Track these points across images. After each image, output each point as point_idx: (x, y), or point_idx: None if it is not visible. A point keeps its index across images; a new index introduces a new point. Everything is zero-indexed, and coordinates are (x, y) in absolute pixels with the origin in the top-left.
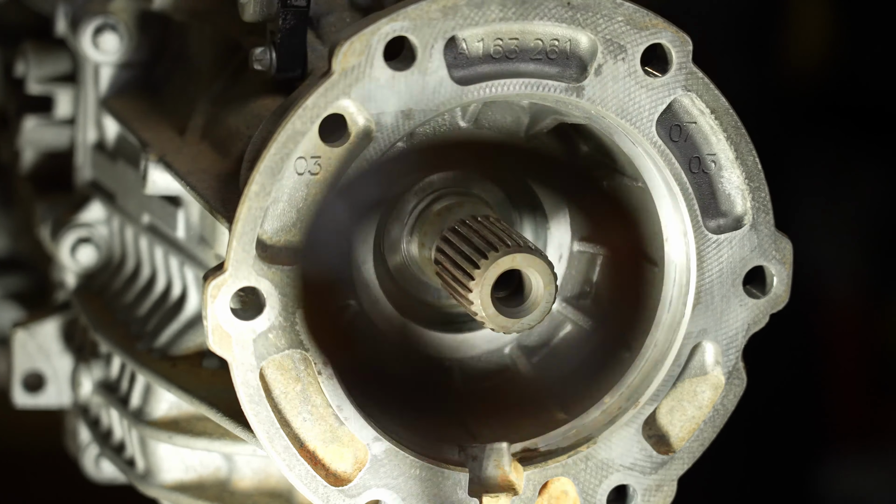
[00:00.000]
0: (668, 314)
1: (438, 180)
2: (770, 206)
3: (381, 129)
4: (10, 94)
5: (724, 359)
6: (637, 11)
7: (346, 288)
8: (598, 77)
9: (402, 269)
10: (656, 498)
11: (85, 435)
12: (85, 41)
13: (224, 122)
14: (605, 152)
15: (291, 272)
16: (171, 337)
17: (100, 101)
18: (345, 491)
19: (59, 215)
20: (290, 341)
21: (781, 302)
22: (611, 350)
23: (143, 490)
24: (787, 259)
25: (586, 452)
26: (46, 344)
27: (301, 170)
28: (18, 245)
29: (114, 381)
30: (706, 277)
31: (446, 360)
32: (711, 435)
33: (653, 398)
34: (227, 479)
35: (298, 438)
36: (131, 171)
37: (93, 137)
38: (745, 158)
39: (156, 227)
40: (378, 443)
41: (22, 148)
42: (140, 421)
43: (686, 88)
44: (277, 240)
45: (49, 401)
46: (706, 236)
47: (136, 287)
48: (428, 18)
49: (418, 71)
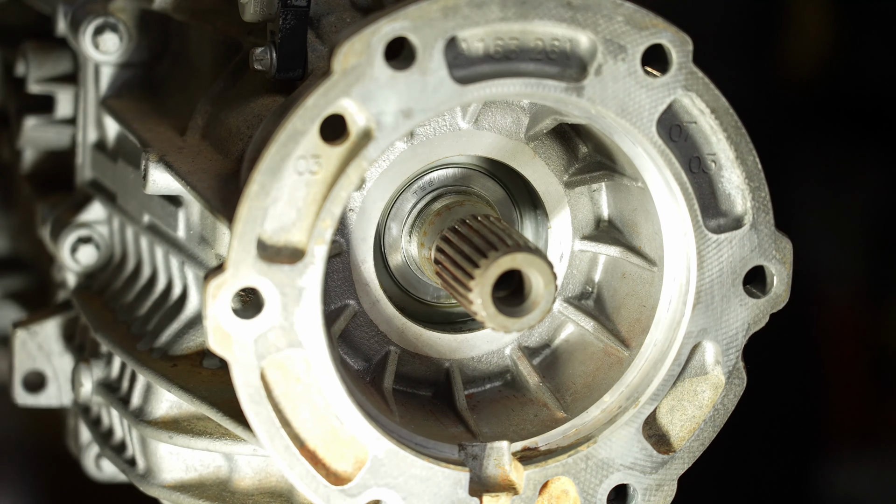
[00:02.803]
0: (668, 314)
1: (438, 179)
2: (770, 206)
3: (381, 129)
4: (11, 94)
5: (725, 358)
6: (637, 11)
7: (345, 288)
8: (598, 77)
9: (402, 269)
10: (656, 497)
11: (86, 434)
12: (85, 41)
13: (224, 122)
14: (605, 152)
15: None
16: (171, 336)
17: (100, 101)
18: (345, 490)
19: (60, 215)
20: (291, 341)
21: (781, 302)
22: (611, 350)
23: (144, 489)
24: (787, 259)
25: (586, 452)
26: (47, 343)
27: (301, 169)
28: (19, 245)
29: (114, 380)
30: (706, 277)
31: (446, 360)
32: (711, 434)
33: (653, 398)
34: (227, 478)
35: (299, 438)
36: (132, 171)
37: (93, 137)
38: (745, 158)
39: (156, 227)
40: (378, 442)
41: (22, 148)
42: (140, 420)
43: (686, 88)
44: (277, 239)
45: (49, 400)
46: (706, 236)
47: (136, 287)
48: (428, 18)
49: (418, 71)
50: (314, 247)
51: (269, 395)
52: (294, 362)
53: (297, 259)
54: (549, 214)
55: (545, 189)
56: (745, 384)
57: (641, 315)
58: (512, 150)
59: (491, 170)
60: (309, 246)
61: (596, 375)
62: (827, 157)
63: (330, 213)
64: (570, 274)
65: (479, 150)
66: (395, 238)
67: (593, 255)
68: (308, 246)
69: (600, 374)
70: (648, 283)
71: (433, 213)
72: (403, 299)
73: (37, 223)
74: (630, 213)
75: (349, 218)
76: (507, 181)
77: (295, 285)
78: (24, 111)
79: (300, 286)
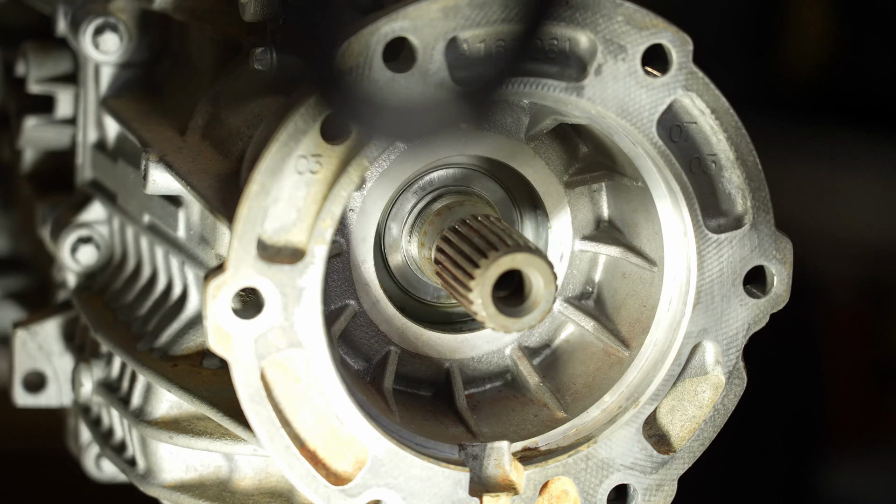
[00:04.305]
0: (668, 314)
1: (438, 179)
2: (770, 206)
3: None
4: (11, 94)
5: (725, 358)
6: (637, 11)
7: (346, 288)
8: (598, 77)
9: (402, 268)
10: (657, 497)
11: (86, 435)
12: (85, 41)
13: (224, 122)
14: (606, 152)
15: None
16: (171, 337)
17: (100, 101)
18: (345, 490)
19: (60, 215)
20: (291, 341)
21: (782, 302)
22: (611, 350)
23: (144, 489)
24: (787, 259)
25: (587, 452)
26: (47, 344)
27: (301, 168)
28: (19, 245)
29: (114, 380)
30: (706, 277)
31: (446, 360)
32: (712, 434)
33: (653, 398)
34: (227, 478)
35: (299, 438)
36: (132, 171)
37: (93, 137)
38: (746, 158)
39: (156, 227)
40: (378, 442)
41: (23, 148)
42: (141, 421)
43: (686, 88)
44: (278, 239)
45: (50, 400)
46: (706, 236)
47: (136, 287)
48: (428, 19)
49: (418, 73)
50: (314, 247)
51: (270, 395)
52: (294, 362)
53: (298, 259)
54: (549, 214)
55: (545, 189)
56: (745, 384)
57: (642, 315)
58: (512, 150)
59: (491, 170)
60: (309, 246)
61: (596, 375)
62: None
63: (330, 213)
64: (571, 274)
65: (480, 150)
66: (395, 238)
67: (593, 255)
68: (308, 246)
69: (600, 374)
70: (649, 283)
71: (433, 213)
72: (403, 299)
73: (37, 223)
74: (630, 214)
75: (349, 218)
76: (507, 181)
77: (295, 285)
78: (25, 111)
79: (300, 286)
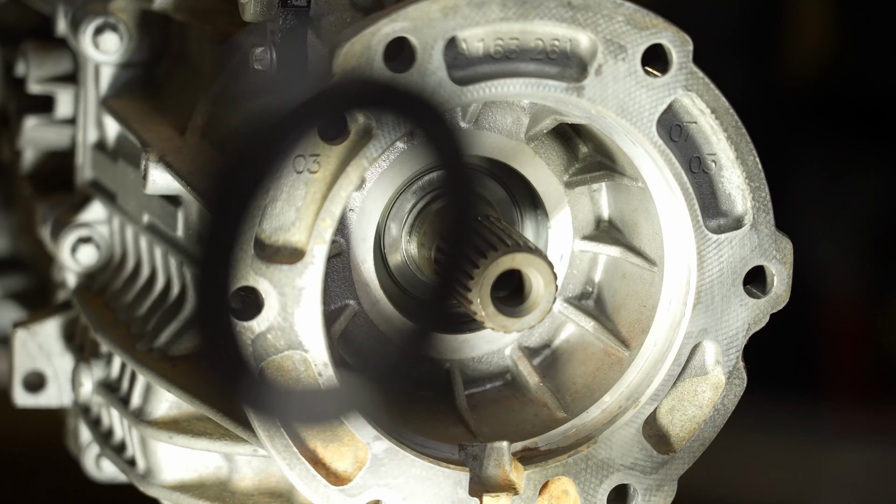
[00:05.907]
0: (668, 314)
1: (438, 179)
2: (770, 206)
3: (381, 127)
4: (11, 94)
5: (725, 358)
6: (637, 11)
7: (345, 288)
8: (598, 77)
9: (402, 268)
10: (657, 498)
11: (86, 435)
12: (85, 41)
13: (224, 122)
14: (606, 152)
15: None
16: (170, 336)
17: (100, 101)
18: (345, 490)
19: (60, 215)
20: (290, 342)
21: (782, 302)
22: (611, 350)
23: (144, 490)
24: (787, 259)
25: (586, 452)
26: (47, 344)
27: (300, 168)
28: (19, 245)
29: (114, 380)
30: (706, 277)
31: (446, 360)
32: (712, 434)
33: (653, 398)
34: (227, 478)
35: (299, 438)
36: (132, 171)
37: (93, 137)
38: (746, 158)
39: (155, 227)
40: (378, 442)
41: (23, 148)
42: (140, 421)
43: (686, 88)
44: (276, 239)
45: (49, 400)
46: (706, 236)
47: (135, 287)
48: (428, 19)
49: (418, 72)
50: (314, 247)
51: None
52: (294, 363)
53: (297, 259)
54: (549, 214)
55: (545, 189)
56: (745, 384)
57: (641, 315)
58: (512, 150)
59: (491, 170)
60: (309, 246)
61: (596, 375)
62: (827, 156)
63: (330, 213)
64: (571, 274)
65: (480, 150)
66: (395, 238)
67: (593, 255)
68: (308, 246)
69: (600, 374)
70: (648, 284)
71: (433, 213)
72: (403, 299)
73: (37, 223)
74: (630, 213)
75: (349, 218)
76: (507, 181)
77: (294, 285)
78: (24, 111)
79: (300, 286)
